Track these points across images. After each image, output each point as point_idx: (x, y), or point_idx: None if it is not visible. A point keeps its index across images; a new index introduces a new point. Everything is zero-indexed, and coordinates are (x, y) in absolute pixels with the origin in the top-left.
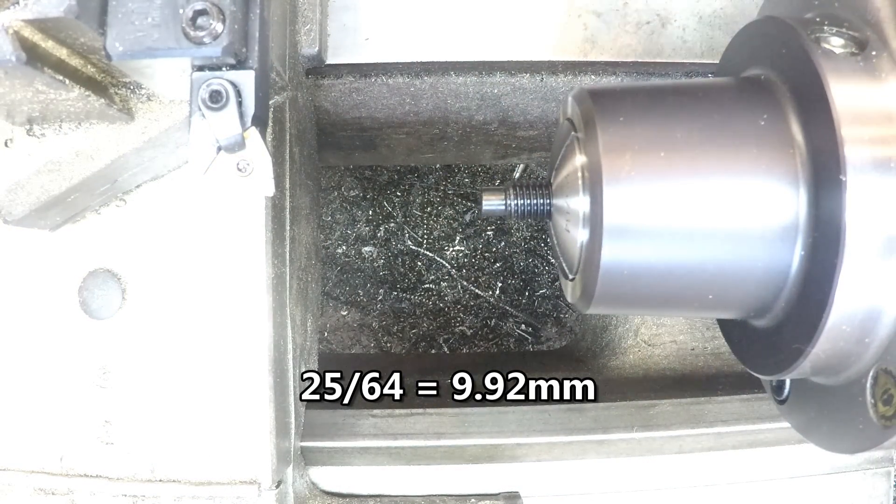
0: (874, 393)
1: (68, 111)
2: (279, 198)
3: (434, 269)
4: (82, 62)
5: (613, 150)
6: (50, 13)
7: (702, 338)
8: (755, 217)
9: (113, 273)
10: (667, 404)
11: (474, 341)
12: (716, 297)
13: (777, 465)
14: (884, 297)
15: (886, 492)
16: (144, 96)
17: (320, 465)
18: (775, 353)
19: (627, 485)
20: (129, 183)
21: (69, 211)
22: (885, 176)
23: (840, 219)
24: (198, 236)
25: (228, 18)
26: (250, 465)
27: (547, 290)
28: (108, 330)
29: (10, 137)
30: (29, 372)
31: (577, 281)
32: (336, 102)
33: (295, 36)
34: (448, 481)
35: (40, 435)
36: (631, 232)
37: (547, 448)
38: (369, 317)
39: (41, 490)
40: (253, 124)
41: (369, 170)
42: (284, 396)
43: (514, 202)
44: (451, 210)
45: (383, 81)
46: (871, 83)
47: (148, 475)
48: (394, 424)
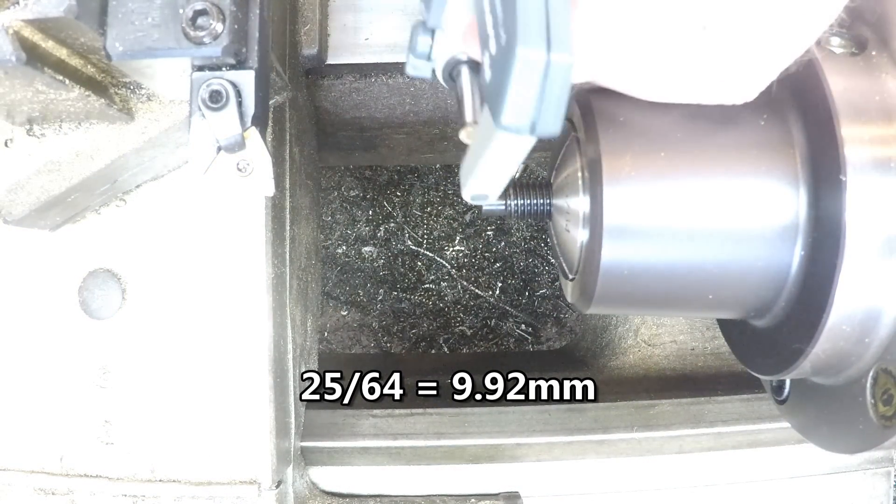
0: (874, 393)
1: (68, 111)
2: (279, 198)
3: (434, 269)
4: (82, 62)
5: (613, 150)
6: (50, 13)
7: (702, 338)
8: (755, 217)
9: (113, 273)
10: (667, 404)
11: (474, 341)
12: (716, 297)
13: (777, 465)
14: (884, 297)
15: (886, 492)
16: (144, 96)
17: (320, 465)
18: (775, 353)
19: (627, 485)
20: (129, 183)
21: (69, 211)
22: (886, 176)
23: (840, 219)
24: (198, 236)
25: (228, 18)
26: (250, 465)
27: (547, 290)
28: (108, 330)
29: (10, 137)
30: (29, 372)
31: (577, 281)
32: (336, 102)
33: (295, 36)
34: (448, 481)
35: (40, 435)
36: (631, 232)
37: (547, 448)
38: (369, 317)
39: (41, 490)
40: (253, 124)
41: (369, 170)
42: (284, 396)
43: (514, 202)
44: (451, 210)
45: (383, 81)
46: (871, 83)
47: (148, 475)
48: (394, 424)
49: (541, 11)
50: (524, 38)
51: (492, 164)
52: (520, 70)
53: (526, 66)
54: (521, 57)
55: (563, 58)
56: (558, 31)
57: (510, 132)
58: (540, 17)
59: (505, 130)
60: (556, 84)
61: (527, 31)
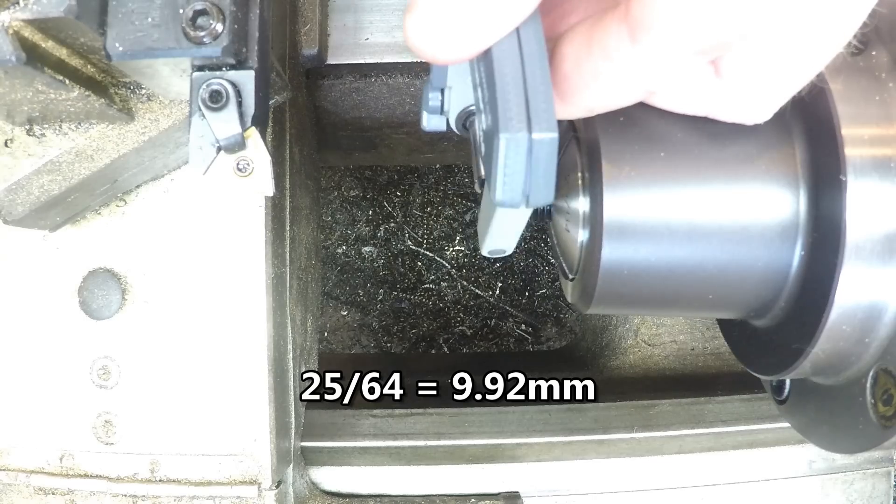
0: (874, 393)
1: (68, 111)
2: (279, 198)
3: (434, 269)
4: (82, 62)
5: (613, 150)
6: (50, 13)
7: (702, 338)
8: (755, 217)
9: (113, 273)
10: (667, 404)
11: (474, 341)
12: (716, 296)
13: (777, 465)
14: (884, 297)
15: (886, 492)
16: (144, 96)
17: (320, 465)
18: (775, 353)
19: (627, 485)
20: (129, 183)
21: (69, 211)
22: (886, 176)
23: (840, 219)
24: (198, 236)
25: (228, 18)
26: (250, 465)
27: (547, 290)
28: (108, 330)
29: (10, 137)
30: (29, 372)
31: (577, 281)
32: (336, 102)
33: (295, 36)
34: (448, 481)
35: (40, 435)
36: (631, 232)
37: (547, 448)
38: (369, 317)
39: (41, 490)
40: (253, 124)
41: (369, 170)
42: (284, 396)
43: None
44: (451, 210)
45: (383, 81)
46: (871, 83)
47: (148, 475)
48: (394, 424)
49: (520, 94)
50: (505, 123)
51: (500, 229)
52: (504, 154)
53: (509, 150)
54: (503, 141)
55: (545, 136)
56: (539, 108)
57: (506, 207)
58: (519, 100)
59: (501, 206)
60: (541, 160)
61: (507, 115)
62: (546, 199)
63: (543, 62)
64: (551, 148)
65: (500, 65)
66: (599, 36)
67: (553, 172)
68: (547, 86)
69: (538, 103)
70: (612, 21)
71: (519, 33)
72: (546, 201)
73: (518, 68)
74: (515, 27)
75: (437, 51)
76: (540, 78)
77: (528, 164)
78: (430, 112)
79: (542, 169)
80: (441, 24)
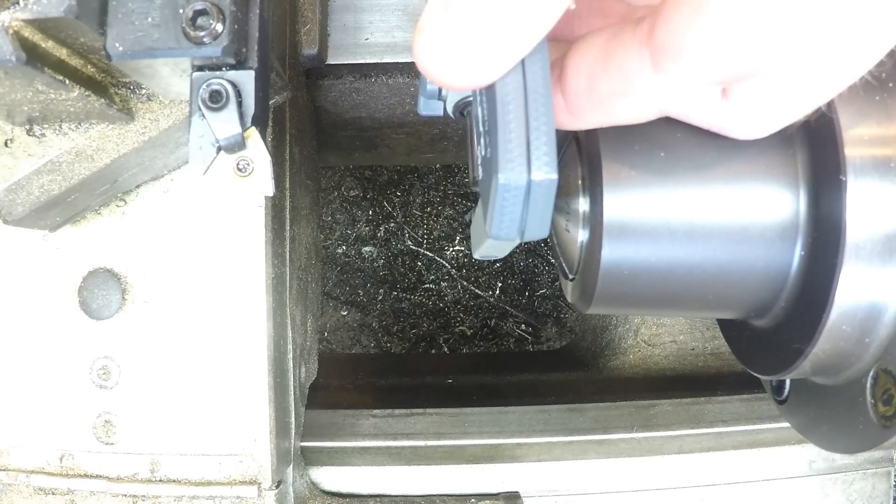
0: (874, 393)
1: (68, 111)
2: (279, 198)
3: (434, 269)
4: (82, 62)
5: (613, 149)
6: (50, 13)
7: (702, 338)
8: (755, 217)
9: (113, 273)
10: (667, 404)
11: (474, 341)
12: (716, 296)
13: (777, 465)
14: (884, 297)
15: (886, 492)
16: (144, 96)
17: (320, 465)
18: (775, 353)
19: (627, 485)
20: (129, 183)
21: (69, 211)
22: (886, 176)
23: (840, 219)
24: (198, 236)
25: (228, 18)
26: (250, 465)
27: (547, 290)
28: (108, 330)
29: (10, 137)
30: (29, 372)
31: (576, 281)
32: (336, 102)
33: (295, 36)
34: (448, 481)
35: (40, 435)
36: (631, 232)
37: (547, 448)
38: (369, 317)
39: (41, 490)
40: (253, 124)
41: (369, 170)
42: (284, 396)
43: None
44: (451, 210)
45: (383, 81)
46: (871, 83)
47: (148, 475)
48: (394, 424)
49: (521, 130)
50: (505, 163)
51: (493, 248)
52: (502, 194)
53: (507, 191)
54: (502, 180)
55: (545, 177)
56: (540, 149)
57: (500, 240)
58: (520, 138)
59: (496, 239)
60: (539, 201)
61: (507, 157)
62: (541, 235)
63: (548, 98)
64: (550, 189)
65: (503, 98)
66: (618, 57)
67: (550, 211)
68: (550, 125)
69: (540, 144)
70: (632, 42)
71: (524, 65)
72: (541, 237)
73: (521, 103)
74: (521, 59)
75: (446, 77)
76: (543, 115)
77: (525, 204)
78: (427, 97)
79: (540, 209)
80: (450, 48)
